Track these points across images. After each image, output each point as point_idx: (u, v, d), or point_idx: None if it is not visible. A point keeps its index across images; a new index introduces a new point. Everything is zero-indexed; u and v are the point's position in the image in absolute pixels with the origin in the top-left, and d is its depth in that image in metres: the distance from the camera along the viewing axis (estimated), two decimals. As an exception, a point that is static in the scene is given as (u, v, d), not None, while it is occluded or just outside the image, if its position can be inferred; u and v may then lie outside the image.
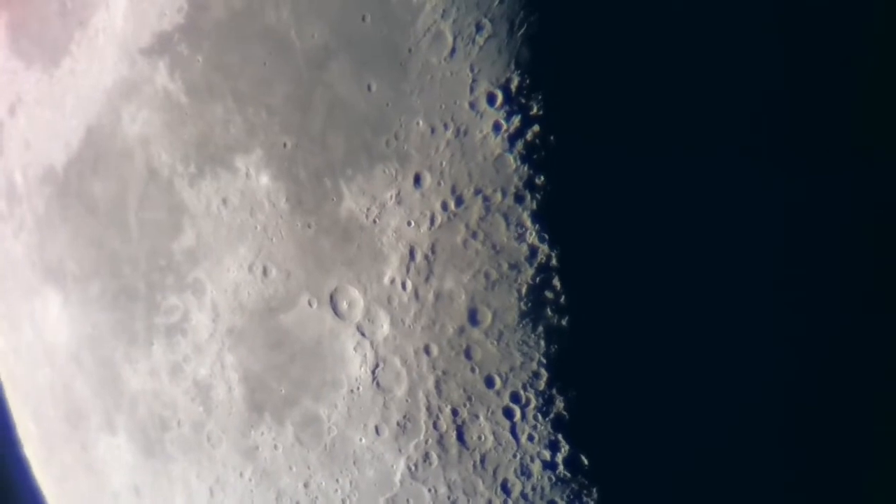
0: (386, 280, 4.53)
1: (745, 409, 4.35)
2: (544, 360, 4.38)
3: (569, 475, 4.53)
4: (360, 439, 4.75)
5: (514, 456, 4.54)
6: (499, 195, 4.30)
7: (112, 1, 5.50)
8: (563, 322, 4.33)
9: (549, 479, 4.55)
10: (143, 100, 5.19)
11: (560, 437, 4.47)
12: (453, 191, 4.35)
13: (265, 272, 4.78)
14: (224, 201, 4.85)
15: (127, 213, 5.30)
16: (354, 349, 4.65)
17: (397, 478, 4.75)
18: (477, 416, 4.51)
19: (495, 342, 4.41)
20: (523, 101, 4.26)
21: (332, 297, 4.65)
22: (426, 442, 4.62)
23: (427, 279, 4.44)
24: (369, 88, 4.46)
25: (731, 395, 4.33)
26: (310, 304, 4.70)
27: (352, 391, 4.70)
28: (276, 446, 4.97)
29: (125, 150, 5.28)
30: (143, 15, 5.25)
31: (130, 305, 5.37)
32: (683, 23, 4.19)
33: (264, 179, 4.73)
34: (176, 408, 5.28)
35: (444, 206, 4.37)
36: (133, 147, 5.24)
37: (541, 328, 4.35)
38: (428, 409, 4.56)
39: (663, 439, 4.40)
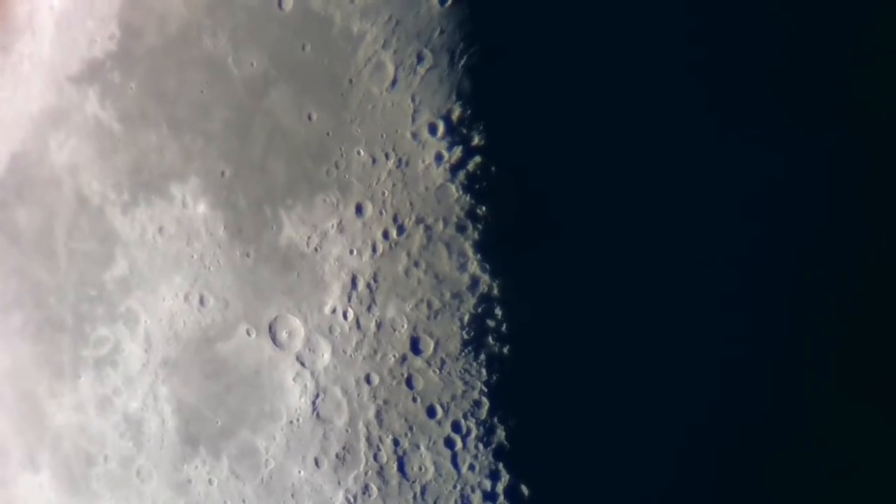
0: (327, 309, 4.49)
1: (689, 437, 4.42)
2: (486, 389, 4.39)
3: (509, 505, 4.53)
4: (299, 472, 4.68)
5: (455, 486, 4.52)
6: (441, 224, 4.32)
7: (38, 27, 5.40)
8: (505, 350, 4.36)
9: (489, 509, 4.55)
10: (72, 127, 5.09)
11: (501, 466, 4.47)
12: (395, 220, 4.36)
13: (202, 301, 4.70)
14: (159, 230, 4.77)
15: (54, 242, 5.17)
16: (294, 379, 4.60)
17: (335, 510, 4.69)
18: (418, 447, 4.49)
19: (437, 371, 4.40)
20: (465, 131, 4.30)
21: (271, 327, 4.59)
22: (366, 473, 4.57)
23: (369, 308, 4.42)
24: (310, 118, 4.46)
25: (675, 423, 4.39)
26: (248, 334, 4.64)
27: (291, 422, 4.64)
28: (210, 480, 4.86)
29: (53, 178, 5.16)
30: (72, 42, 5.16)
31: (56, 337, 5.21)
32: (621, 49, 4.30)
33: (201, 207, 4.66)
34: (104, 443, 5.13)
35: (386, 235, 4.38)
36: (61, 175, 5.12)
37: (483, 357, 4.37)
38: (368, 439, 4.52)
39: (603, 468, 4.44)
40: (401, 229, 4.36)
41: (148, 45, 4.89)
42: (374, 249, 4.40)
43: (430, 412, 4.45)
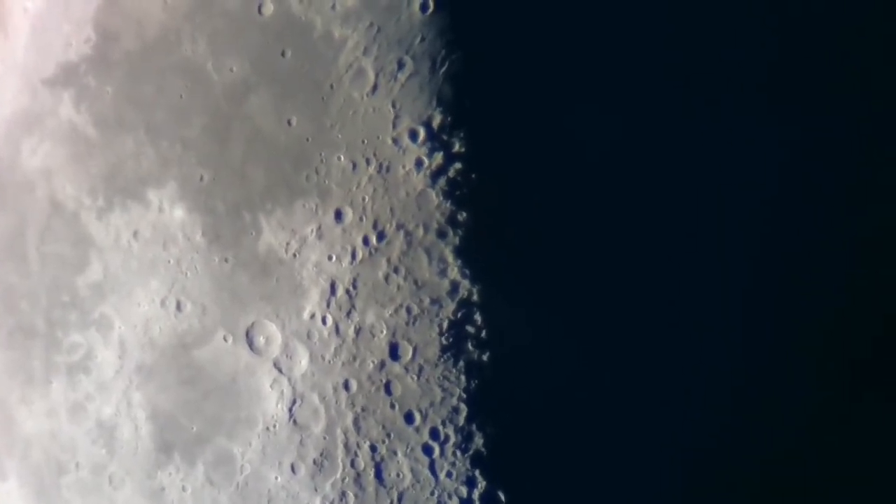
0: (305, 315, 4.48)
1: (671, 445, 4.44)
2: (464, 395, 4.39)
3: (485, 512, 4.53)
4: (275, 478, 4.65)
5: (432, 493, 4.51)
6: (421, 230, 4.33)
7: (12, 30, 5.36)
8: (484, 357, 4.36)
9: (466, 516, 4.55)
10: (46, 132, 5.05)
11: (477, 473, 4.47)
12: (375, 226, 4.36)
13: (179, 307, 4.67)
14: (135, 234, 4.73)
15: (26, 247, 5.11)
16: (271, 385, 4.57)
17: (312, 518, 4.66)
18: (395, 453, 4.48)
19: (416, 377, 4.40)
20: (445, 138, 4.31)
21: (248, 333, 4.57)
22: (343, 480, 4.55)
23: (348, 314, 4.41)
24: (290, 123, 4.45)
25: (657, 430, 4.41)
26: (225, 340, 4.61)
27: (267, 428, 4.61)
28: (184, 487, 4.81)
29: (25, 182, 5.11)
30: (46, 45, 5.12)
31: (27, 343, 5.15)
32: (602, 56, 4.34)
33: (179, 213, 4.63)
34: (75, 450, 5.06)
35: (366, 241, 4.37)
36: (34, 179, 5.07)
37: (462, 363, 4.37)
38: (346, 446, 4.51)
39: (582, 476, 4.45)
40: (381, 235, 4.36)
41: (125, 49, 4.85)
42: (353, 255, 4.39)
43: (408, 419, 4.45)
